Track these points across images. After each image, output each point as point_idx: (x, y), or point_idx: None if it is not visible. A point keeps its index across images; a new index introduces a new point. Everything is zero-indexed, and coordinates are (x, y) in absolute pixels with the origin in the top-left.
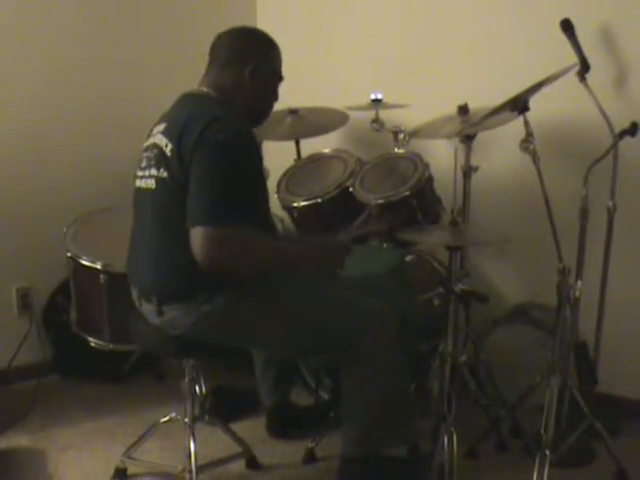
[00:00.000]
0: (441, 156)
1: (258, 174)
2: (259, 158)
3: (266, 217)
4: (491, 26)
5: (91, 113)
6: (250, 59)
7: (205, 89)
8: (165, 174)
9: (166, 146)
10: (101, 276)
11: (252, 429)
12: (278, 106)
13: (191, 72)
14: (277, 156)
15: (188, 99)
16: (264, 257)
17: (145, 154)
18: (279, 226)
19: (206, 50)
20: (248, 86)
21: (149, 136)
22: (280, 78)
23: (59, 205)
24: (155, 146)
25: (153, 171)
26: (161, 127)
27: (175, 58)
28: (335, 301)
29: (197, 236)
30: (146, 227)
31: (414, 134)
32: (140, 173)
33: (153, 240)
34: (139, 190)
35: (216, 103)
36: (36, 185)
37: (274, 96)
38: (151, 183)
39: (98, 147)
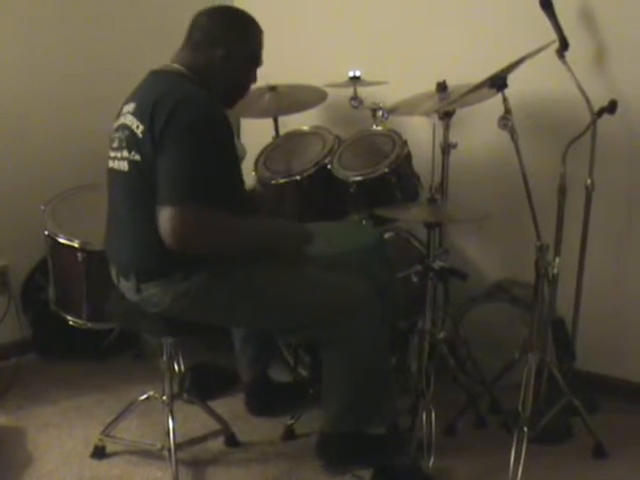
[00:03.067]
0: (420, 133)
1: (229, 154)
2: (231, 138)
3: (239, 197)
4: (470, 3)
5: (70, 90)
6: (223, 43)
7: (176, 66)
8: (137, 156)
9: (137, 127)
10: (79, 254)
11: (231, 406)
12: (257, 83)
13: (170, 49)
14: (255, 133)
15: (157, 77)
16: (229, 239)
17: (116, 134)
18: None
19: (185, 27)
20: (220, 69)
21: (119, 115)
22: (258, 62)
23: (37, 183)
24: (126, 127)
25: (125, 153)
26: (131, 107)
27: (155, 34)
28: (316, 279)
29: (164, 216)
30: (121, 207)
31: (392, 111)
32: (112, 154)
33: (128, 220)
34: (112, 171)
35: (188, 81)
36: (14, 163)
37: (249, 80)
38: (124, 165)
39: (76, 124)
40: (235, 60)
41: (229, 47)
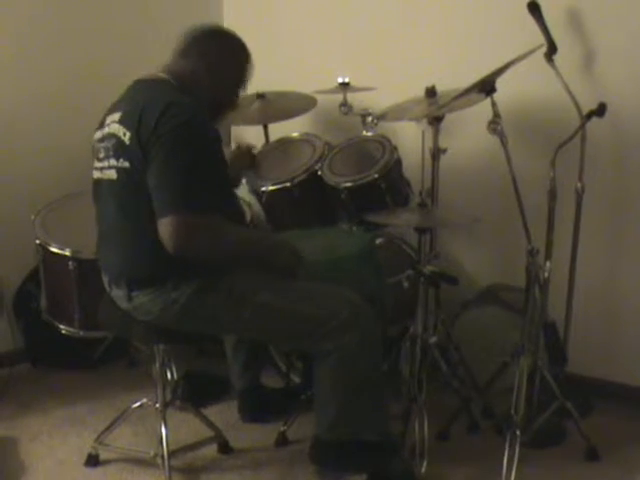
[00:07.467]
0: (409, 138)
1: (218, 157)
2: (218, 141)
3: (230, 198)
4: (458, 8)
5: (61, 99)
6: (210, 56)
7: (162, 74)
8: (126, 164)
9: (124, 135)
10: (70, 263)
11: (224, 413)
12: (246, 91)
13: (155, 62)
14: (245, 140)
15: (141, 85)
16: (232, 246)
17: (102, 145)
18: (247, 211)
19: (170, 39)
20: (204, 79)
21: (103, 126)
22: (242, 86)
23: (28, 192)
24: (113, 136)
25: (113, 161)
26: (116, 116)
27: (141, 47)
28: (306, 291)
29: (166, 226)
30: (111, 217)
31: (382, 117)
32: (99, 164)
33: (119, 229)
34: (99, 181)
35: (172, 88)
36: (4, 172)
37: (231, 100)
38: (112, 174)
39: (67, 133)
40: (220, 76)
41: (218, 63)
